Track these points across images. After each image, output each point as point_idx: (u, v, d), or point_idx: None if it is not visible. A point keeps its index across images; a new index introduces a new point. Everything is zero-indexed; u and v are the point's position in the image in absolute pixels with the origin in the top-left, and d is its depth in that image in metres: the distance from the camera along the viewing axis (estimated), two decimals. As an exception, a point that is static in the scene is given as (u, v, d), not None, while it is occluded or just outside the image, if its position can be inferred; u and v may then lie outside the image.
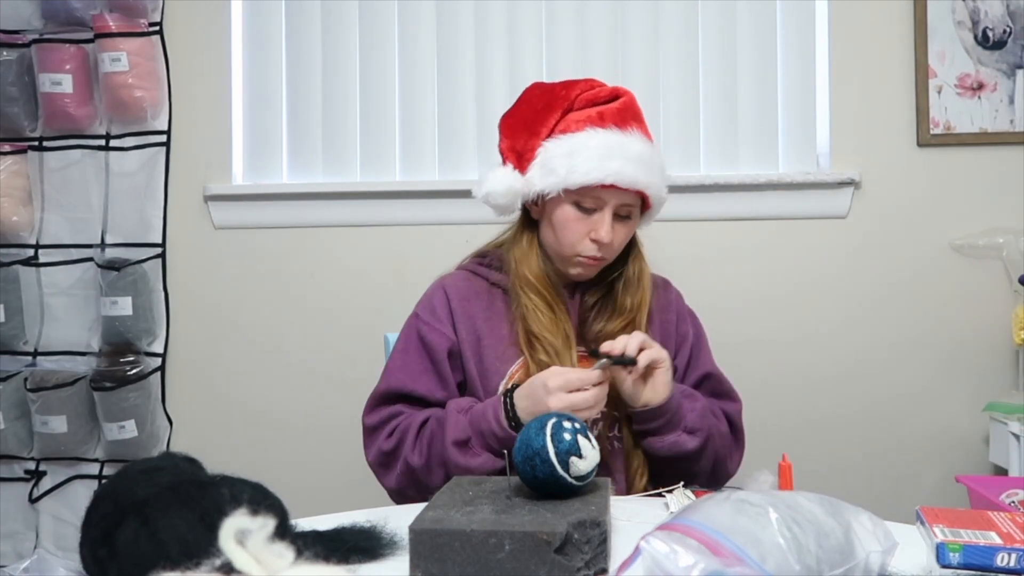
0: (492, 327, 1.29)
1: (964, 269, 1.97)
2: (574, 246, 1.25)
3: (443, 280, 1.37)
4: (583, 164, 1.21)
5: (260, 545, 0.74)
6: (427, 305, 1.33)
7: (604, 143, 1.22)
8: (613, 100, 1.27)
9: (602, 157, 1.21)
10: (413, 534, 0.74)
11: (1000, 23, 1.96)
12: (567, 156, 1.22)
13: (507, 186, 1.25)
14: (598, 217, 1.24)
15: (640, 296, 1.33)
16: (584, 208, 1.24)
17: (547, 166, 1.23)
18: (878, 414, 1.98)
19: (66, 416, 2.03)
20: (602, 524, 0.76)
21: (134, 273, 2.04)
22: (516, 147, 1.28)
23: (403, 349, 1.31)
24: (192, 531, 0.74)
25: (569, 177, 1.21)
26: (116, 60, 2.01)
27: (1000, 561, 0.74)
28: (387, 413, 1.26)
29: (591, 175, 1.20)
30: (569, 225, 1.25)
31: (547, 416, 0.86)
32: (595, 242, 1.24)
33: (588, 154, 1.21)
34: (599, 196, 1.23)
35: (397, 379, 1.28)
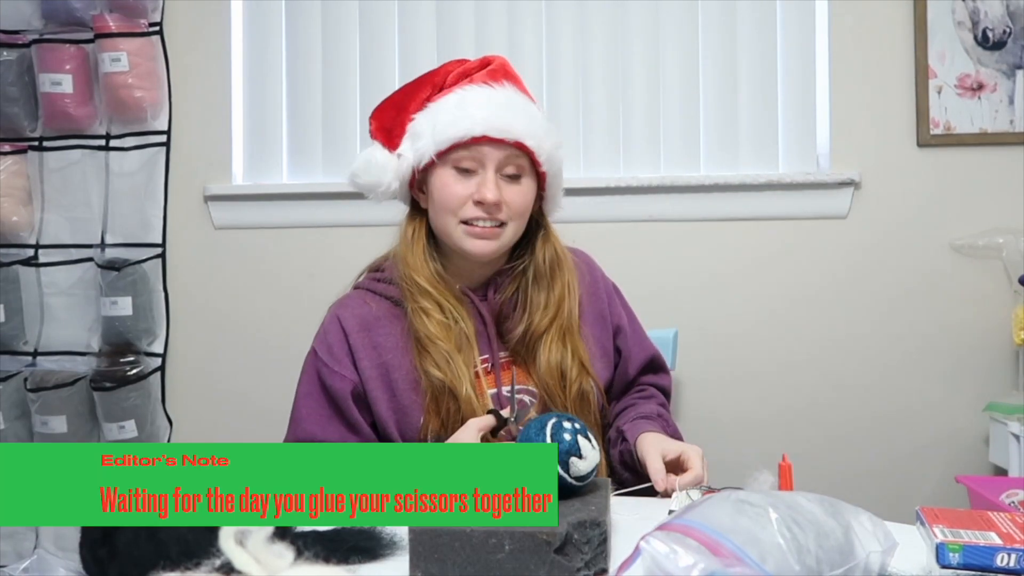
0: (400, 355, 1.16)
1: (964, 269, 1.97)
2: (456, 211, 1.14)
3: (338, 308, 1.22)
4: (446, 118, 1.12)
5: (260, 545, 0.75)
6: (323, 341, 1.20)
7: (469, 97, 1.13)
8: (484, 68, 1.19)
9: (468, 108, 1.12)
10: (413, 534, 0.74)
11: (1000, 23, 1.96)
12: (431, 117, 1.13)
13: (369, 160, 1.17)
14: (480, 177, 1.13)
15: (560, 289, 1.21)
16: (463, 169, 1.13)
17: (415, 133, 1.15)
18: (878, 414, 1.98)
19: (66, 416, 2.03)
20: (602, 524, 0.76)
21: (134, 273, 2.04)
22: (384, 125, 1.19)
23: (307, 393, 1.20)
24: (192, 531, 0.74)
25: (436, 136, 1.11)
26: (116, 60, 2.01)
27: (1000, 561, 0.74)
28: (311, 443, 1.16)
29: (457, 126, 1.10)
30: (447, 189, 1.14)
31: (547, 416, 0.86)
32: (479, 204, 1.13)
33: (461, 111, 1.12)
34: (475, 153, 1.12)
35: (305, 430, 1.17)
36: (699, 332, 1.97)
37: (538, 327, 1.18)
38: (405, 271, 1.18)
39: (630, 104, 2.04)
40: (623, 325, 1.32)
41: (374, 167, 1.18)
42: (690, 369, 1.96)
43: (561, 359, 1.18)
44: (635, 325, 1.35)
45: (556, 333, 1.19)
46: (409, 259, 1.19)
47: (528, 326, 1.18)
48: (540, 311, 1.19)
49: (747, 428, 1.97)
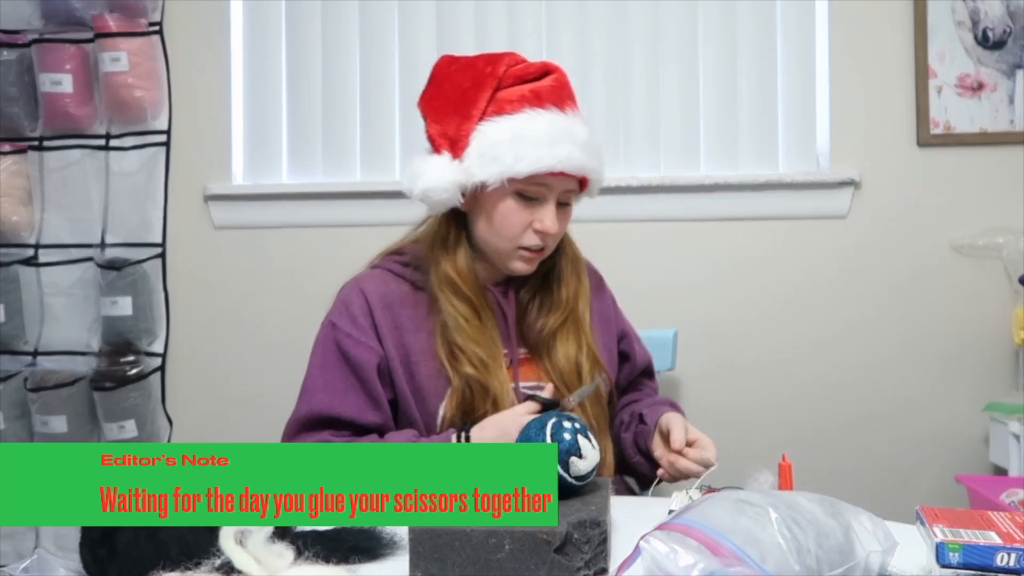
0: (421, 340, 1.17)
1: (964, 269, 1.97)
2: (516, 239, 1.15)
3: (359, 282, 1.22)
4: (531, 151, 1.10)
5: (260, 545, 0.75)
6: (344, 313, 1.19)
7: (549, 127, 1.12)
8: (544, 76, 1.17)
9: (550, 143, 1.11)
10: (413, 534, 0.74)
11: (1000, 23, 1.96)
12: (511, 143, 1.10)
13: (449, 179, 1.12)
14: (541, 206, 1.14)
15: (576, 286, 1.24)
16: (527, 197, 1.14)
17: (488, 154, 1.11)
18: (878, 414, 1.99)
19: (66, 416, 2.03)
20: (602, 524, 0.76)
21: (134, 273, 2.04)
22: (448, 132, 1.15)
23: (322, 364, 1.17)
24: (192, 531, 0.74)
25: (516, 166, 1.10)
26: (116, 60, 2.01)
27: (1000, 561, 0.74)
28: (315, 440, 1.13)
29: (541, 163, 1.10)
30: (511, 217, 1.13)
31: (547, 416, 0.86)
32: (539, 232, 1.14)
33: (535, 140, 1.10)
34: (545, 184, 1.13)
35: (321, 401, 1.14)
36: (699, 332, 1.98)
37: (555, 324, 1.21)
38: (445, 273, 1.17)
39: (630, 104, 2.04)
40: (627, 331, 1.37)
41: (451, 186, 1.12)
42: (690, 369, 1.96)
43: (576, 354, 1.21)
44: (633, 332, 1.40)
45: (571, 329, 1.22)
46: (446, 262, 1.18)
47: (546, 323, 1.21)
48: (558, 309, 1.22)
49: (747, 428, 1.97)
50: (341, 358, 1.16)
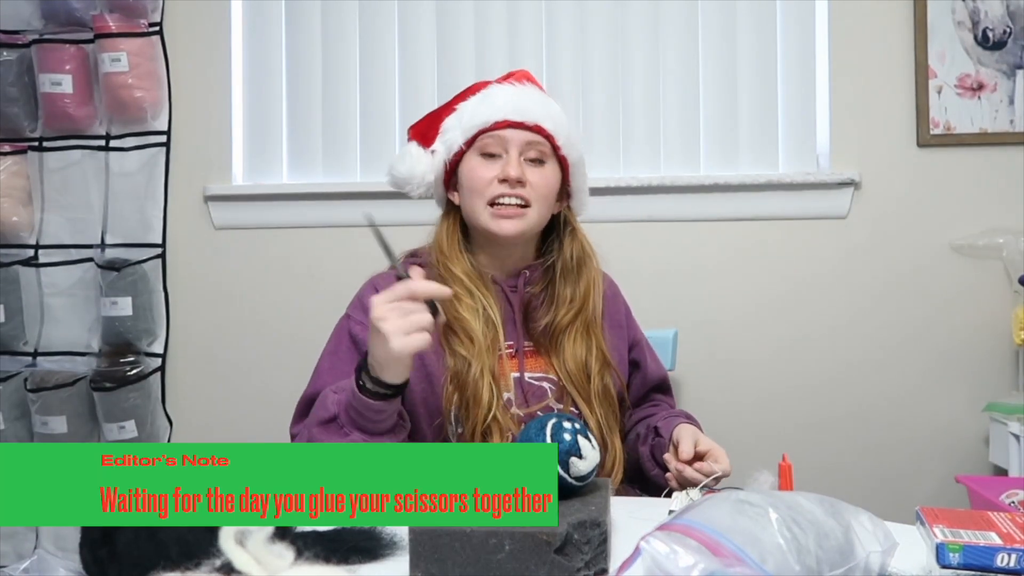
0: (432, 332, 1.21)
1: (964, 269, 1.97)
2: (484, 192, 1.20)
3: (374, 279, 1.30)
4: (471, 108, 1.22)
5: (260, 545, 0.75)
6: (358, 304, 1.25)
7: (492, 91, 1.24)
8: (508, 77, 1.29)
9: (490, 100, 1.22)
10: (413, 534, 0.74)
11: (1000, 23, 1.96)
12: (459, 115, 1.23)
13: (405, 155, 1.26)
14: (504, 160, 1.21)
15: (585, 285, 1.27)
16: (489, 154, 1.22)
17: (444, 131, 1.24)
18: (878, 414, 1.99)
19: (66, 416, 2.03)
20: (602, 524, 0.76)
21: (134, 273, 2.04)
22: (420, 131, 1.29)
23: (332, 351, 1.24)
24: (192, 532, 0.74)
25: (463, 125, 1.22)
26: (116, 60, 2.01)
27: (1000, 561, 0.74)
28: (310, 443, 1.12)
29: (482, 115, 1.21)
30: (475, 172, 1.21)
31: (547, 416, 0.86)
32: (505, 181, 1.19)
33: (476, 103, 1.23)
34: (499, 137, 1.21)
35: (324, 383, 1.16)
36: (699, 332, 1.98)
37: (563, 320, 1.24)
38: (441, 260, 1.24)
39: (630, 104, 2.04)
40: (640, 340, 1.40)
41: (408, 158, 1.26)
42: (690, 369, 1.96)
43: (585, 353, 1.24)
44: (647, 344, 1.42)
45: (581, 327, 1.25)
46: (445, 250, 1.25)
47: (553, 319, 1.24)
48: (565, 305, 1.25)
49: (747, 428, 1.97)
50: (351, 345, 1.21)
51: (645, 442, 1.29)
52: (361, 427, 1.06)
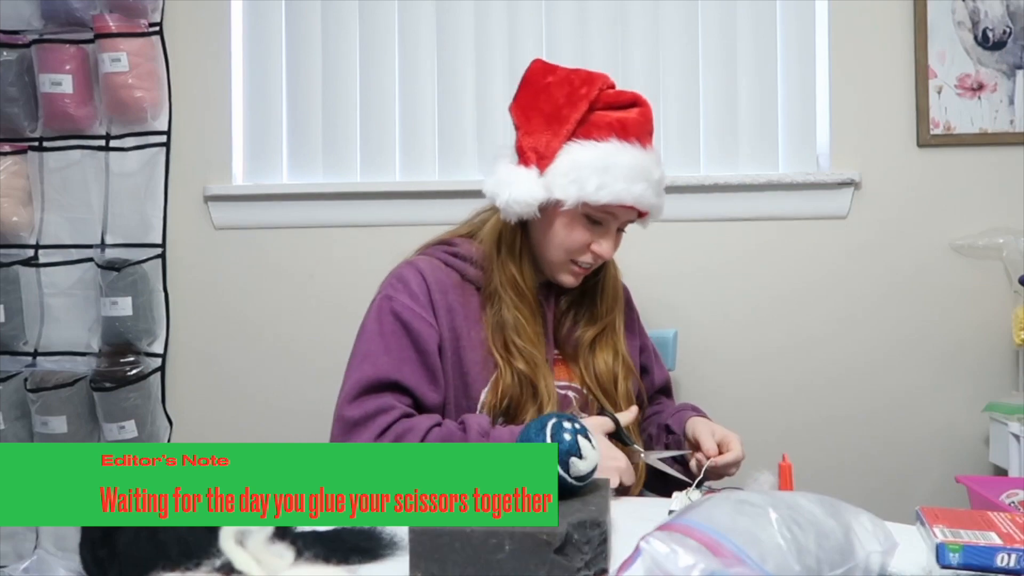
0: (470, 327, 1.21)
1: (964, 269, 1.97)
2: (572, 254, 1.23)
3: (415, 264, 1.25)
4: (612, 183, 1.17)
5: (260, 545, 0.75)
6: (402, 288, 1.21)
7: (633, 163, 1.19)
8: (632, 106, 1.23)
9: (630, 179, 1.18)
10: (413, 534, 0.74)
11: (1000, 23, 1.96)
12: (596, 171, 1.17)
13: (534, 194, 1.18)
14: (603, 231, 1.23)
15: (613, 295, 1.33)
16: (594, 221, 1.22)
17: (571, 175, 1.17)
18: (878, 414, 1.98)
19: (66, 416, 2.03)
20: (602, 524, 0.76)
21: (134, 273, 2.04)
22: (538, 148, 1.21)
23: (378, 332, 1.18)
24: (192, 532, 0.74)
25: (596, 194, 1.17)
26: (116, 60, 2.01)
27: (1000, 562, 0.74)
28: (375, 406, 1.12)
29: (620, 196, 1.18)
30: (574, 235, 1.22)
31: (547, 416, 0.86)
32: (595, 254, 1.23)
33: (618, 173, 1.17)
34: (613, 213, 1.21)
35: (385, 365, 1.14)
36: (699, 332, 1.98)
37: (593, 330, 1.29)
38: (509, 275, 1.23)
39: (630, 104, 2.03)
40: (648, 345, 1.45)
41: (529, 196, 1.18)
42: (689, 369, 1.96)
43: (612, 362, 1.29)
44: (654, 348, 1.48)
45: (608, 339, 1.30)
46: (513, 266, 1.24)
47: (584, 334, 1.29)
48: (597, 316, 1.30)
49: (747, 428, 1.96)
50: (401, 328, 1.18)
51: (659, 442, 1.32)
52: None
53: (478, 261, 1.25)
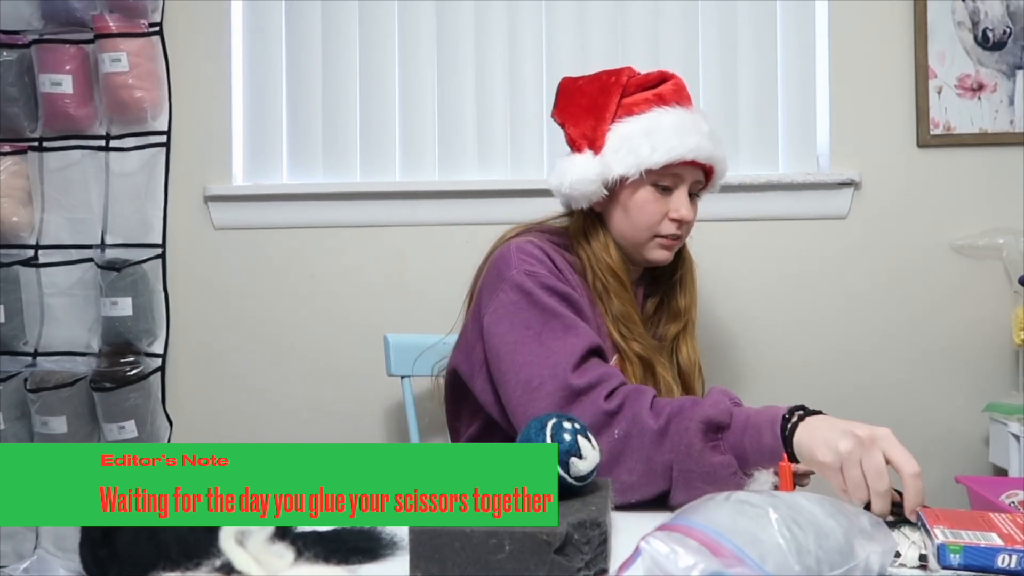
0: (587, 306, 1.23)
1: (964, 269, 1.97)
2: (653, 227, 1.25)
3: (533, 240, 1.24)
4: (664, 141, 1.21)
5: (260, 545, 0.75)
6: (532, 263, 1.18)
7: (678, 121, 1.23)
8: (663, 82, 1.28)
9: (681, 133, 1.22)
10: (413, 534, 0.74)
11: (1000, 24, 1.96)
12: (646, 135, 1.21)
13: (593, 172, 1.22)
14: (676, 195, 1.25)
15: (692, 293, 1.37)
16: (662, 187, 1.24)
17: (624, 147, 1.22)
18: (877, 414, 1.98)
19: (66, 416, 2.03)
20: (602, 524, 0.76)
21: (134, 274, 2.04)
22: (586, 133, 1.26)
23: (545, 307, 1.12)
24: (192, 532, 0.74)
25: (652, 156, 1.20)
26: (116, 60, 2.01)
27: (1001, 563, 0.74)
28: (598, 373, 1.07)
29: (675, 151, 1.21)
30: (648, 207, 1.24)
31: (547, 416, 0.86)
32: (675, 220, 1.25)
33: (667, 132, 1.21)
34: (677, 173, 1.24)
35: (587, 333, 1.11)
36: (698, 332, 1.97)
37: (673, 326, 1.32)
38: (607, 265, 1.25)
39: (630, 104, 2.03)
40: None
41: (587, 180, 1.23)
42: (690, 369, 1.96)
43: (695, 356, 1.35)
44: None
45: (690, 333, 1.34)
46: (608, 258, 1.26)
47: (667, 330, 1.32)
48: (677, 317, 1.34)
49: (747, 428, 1.97)
50: (561, 301, 1.15)
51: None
52: (742, 453, 0.96)
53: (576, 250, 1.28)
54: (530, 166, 2.04)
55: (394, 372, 1.80)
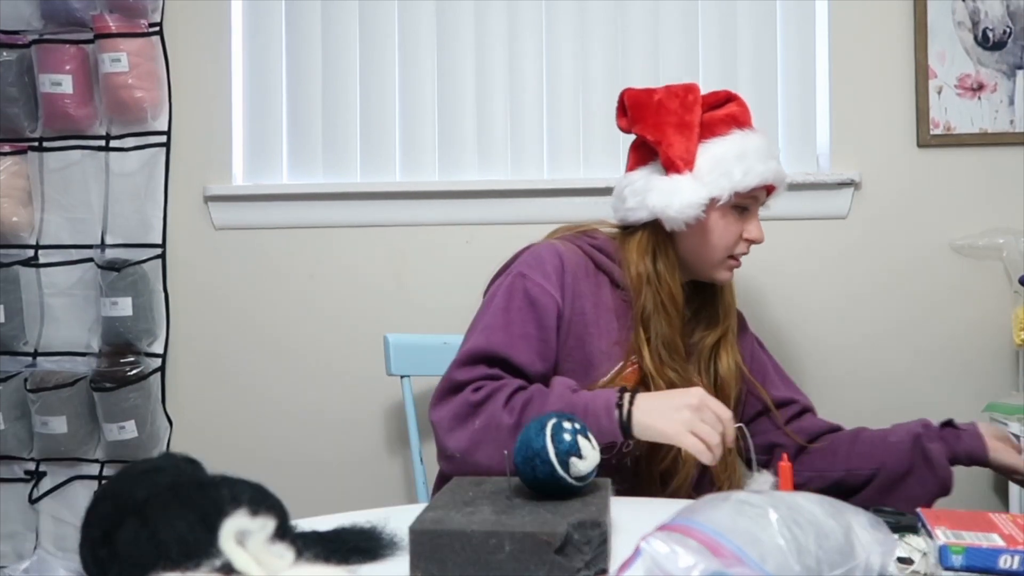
0: (600, 315, 1.23)
1: (964, 269, 1.97)
2: (729, 249, 1.27)
3: (553, 245, 1.27)
4: (755, 166, 1.25)
5: (260, 546, 0.74)
6: (536, 265, 1.22)
7: (760, 144, 1.28)
8: (728, 101, 1.32)
9: (764, 158, 1.27)
10: (413, 535, 0.74)
11: (1000, 24, 1.96)
12: (738, 159, 1.24)
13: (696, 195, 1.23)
14: (749, 216, 1.27)
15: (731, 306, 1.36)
16: (741, 209, 1.27)
17: (717, 171, 1.23)
18: (877, 414, 1.98)
19: (66, 417, 2.03)
20: (602, 524, 0.76)
21: (134, 274, 2.04)
22: (682, 154, 1.26)
23: (504, 308, 1.19)
24: (192, 532, 0.74)
25: (744, 180, 1.24)
26: (116, 60, 2.01)
27: (1003, 564, 0.74)
28: (482, 373, 1.14)
29: (763, 176, 1.25)
30: (729, 229, 1.26)
31: (547, 416, 0.86)
32: (748, 241, 1.28)
33: (755, 157, 1.25)
34: (756, 196, 1.28)
35: (498, 340, 1.15)
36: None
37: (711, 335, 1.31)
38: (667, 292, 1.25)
39: (630, 104, 2.03)
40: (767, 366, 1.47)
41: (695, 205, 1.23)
42: (690, 369, 1.96)
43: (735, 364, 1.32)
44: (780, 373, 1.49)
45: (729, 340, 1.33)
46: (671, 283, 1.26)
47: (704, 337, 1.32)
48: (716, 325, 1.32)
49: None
50: (527, 305, 1.19)
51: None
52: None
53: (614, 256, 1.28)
54: (530, 166, 2.04)
55: (394, 372, 1.80)
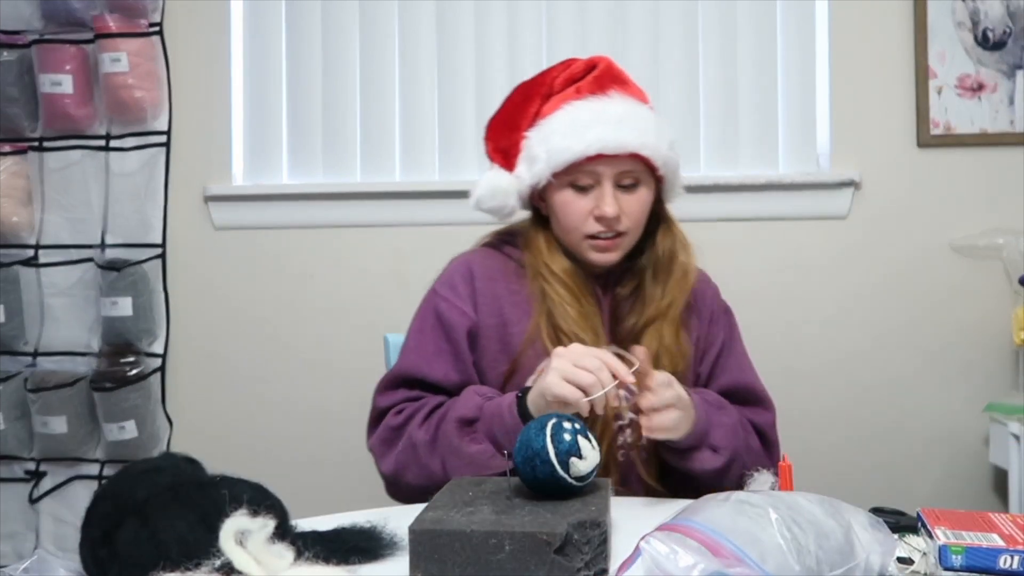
0: (520, 313, 1.20)
1: (964, 269, 1.97)
2: (579, 228, 1.18)
3: (466, 256, 1.28)
4: (560, 142, 1.14)
5: (260, 545, 0.75)
6: (447, 281, 1.24)
7: (578, 115, 1.16)
8: (590, 71, 1.21)
9: (579, 130, 1.14)
10: (413, 535, 0.74)
11: (1000, 24, 1.95)
12: (544, 140, 1.17)
13: (494, 187, 1.21)
14: (596, 192, 1.16)
15: (674, 284, 1.23)
16: (581, 187, 1.17)
17: (529, 156, 1.18)
18: (877, 414, 1.98)
19: (66, 416, 2.03)
20: (602, 524, 0.76)
21: (134, 274, 2.04)
22: (500, 146, 1.24)
23: (419, 329, 1.22)
24: (192, 532, 0.74)
25: (552, 159, 1.15)
26: (116, 60, 2.01)
27: (1003, 563, 0.74)
28: (401, 397, 1.18)
29: (572, 150, 1.13)
30: (568, 208, 1.17)
31: (547, 416, 0.86)
32: (599, 219, 1.16)
33: (563, 131, 1.15)
34: (592, 170, 1.15)
35: (411, 362, 1.19)
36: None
37: (648, 318, 1.21)
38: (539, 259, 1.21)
39: (630, 104, 2.03)
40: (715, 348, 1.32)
41: (499, 193, 1.22)
42: (690, 369, 1.96)
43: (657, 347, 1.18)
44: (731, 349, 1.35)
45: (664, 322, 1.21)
46: (544, 255, 1.22)
47: (639, 318, 1.21)
48: (654, 303, 1.22)
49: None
50: (437, 322, 1.21)
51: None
52: (494, 439, 1.08)
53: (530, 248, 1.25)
54: (530, 166, 2.04)
55: (394, 372, 1.80)
